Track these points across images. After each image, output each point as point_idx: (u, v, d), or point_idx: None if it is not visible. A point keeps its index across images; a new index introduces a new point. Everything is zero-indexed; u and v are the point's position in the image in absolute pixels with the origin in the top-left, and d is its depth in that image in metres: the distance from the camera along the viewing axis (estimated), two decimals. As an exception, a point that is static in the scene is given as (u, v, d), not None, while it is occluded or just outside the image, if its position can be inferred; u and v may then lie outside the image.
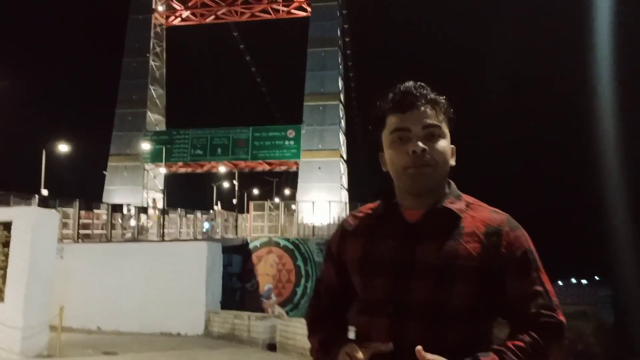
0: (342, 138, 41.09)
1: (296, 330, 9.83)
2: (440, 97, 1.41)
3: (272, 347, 10.68)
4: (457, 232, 1.33)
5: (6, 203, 17.44)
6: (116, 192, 42.53)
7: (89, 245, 14.07)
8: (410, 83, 1.41)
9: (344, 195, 40.25)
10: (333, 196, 38.82)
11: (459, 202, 1.40)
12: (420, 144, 1.34)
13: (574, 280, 52.78)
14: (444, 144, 1.38)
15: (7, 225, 9.74)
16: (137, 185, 42.73)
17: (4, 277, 9.60)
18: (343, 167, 41.00)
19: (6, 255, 9.69)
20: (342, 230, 1.51)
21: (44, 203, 18.68)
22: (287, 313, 22.18)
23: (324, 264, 1.55)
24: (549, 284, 1.34)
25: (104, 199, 39.68)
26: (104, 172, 43.65)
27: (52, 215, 10.31)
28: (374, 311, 1.35)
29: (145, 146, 41.24)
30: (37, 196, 18.72)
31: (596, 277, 54.44)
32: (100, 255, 13.42)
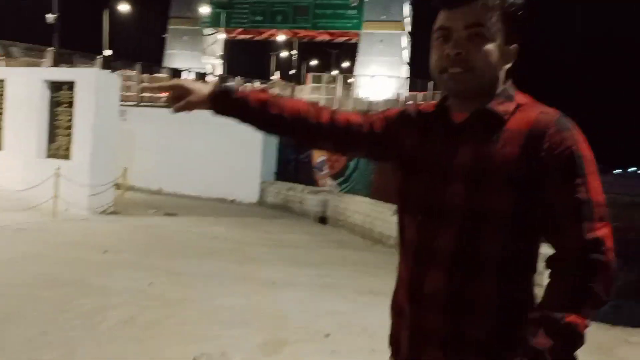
0: (407, 9, 38.85)
1: (348, 207, 9.94)
2: None
3: (322, 220, 10.91)
4: (497, 136, 1.22)
5: (70, 62, 17.77)
6: (176, 56, 42.65)
7: (152, 110, 14.28)
8: None
9: (406, 71, 38.96)
10: (393, 71, 37.65)
11: (508, 103, 1.26)
12: (453, 45, 1.23)
13: (632, 169, 50.90)
14: (489, 46, 1.23)
15: (71, 86, 9.89)
16: (196, 51, 42.63)
17: (70, 136, 9.95)
18: (406, 41, 39.19)
19: (71, 115, 9.95)
20: (404, 112, 1.44)
21: (106, 64, 18.93)
22: (338, 185, 22.54)
23: (374, 112, 1.50)
24: (598, 193, 1.17)
25: (164, 63, 40.02)
26: (164, 35, 43.55)
27: (114, 77, 10.39)
28: (409, 209, 1.32)
29: (205, 10, 40.47)
30: (99, 57, 18.92)
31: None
32: (163, 120, 13.63)
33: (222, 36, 41.70)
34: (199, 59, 41.61)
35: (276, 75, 39.74)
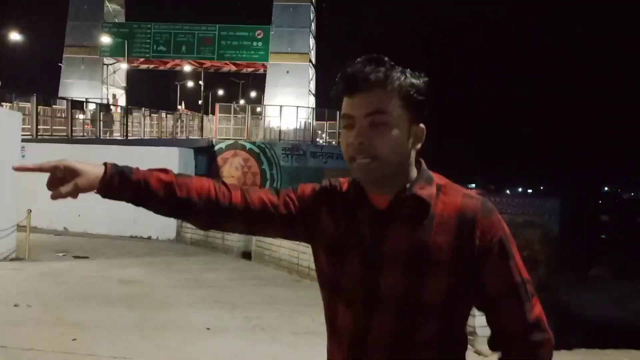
0: (312, 42, 39.83)
1: (272, 241, 9.82)
2: (398, 75, 1.22)
3: (246, 255, 10.71)
4: (427, 222, 1.23)
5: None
6: (74, 86, 40.69)
7: (52, 145, 13.43)
8: (361, 59, 1.24)
9: (312, 101, 39.70)
10: (301, 101, 38.19)
11: (429, 186, 1.26)
12: (355, 135, 1.21)
13: (520, 190, 54.68)
14: (392, 132, 1.21)
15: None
16: (95, 80, 40.91)
17: (-35, 177, 9.09)
18: (312, 72, 40.08)
19: (-34, 154, 9.11)
20: (321, 191, 1.36)
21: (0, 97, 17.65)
22: None
23: (288, 190, 1.38)
24: (524, 270, 1.26)
25: (61, 94, 37.99)
26: (60, 64, 41.53)
27: (15, 114, 9.70)
28: (341, 296, 1.28)
29: (104, 39, 39.06)
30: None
31: (541, 187, 56.54)
32: (65, 155, 12.82)
33: (124, 66, 40.42)
34: (99, 88, 39.98)
35: (182, 106, 39.00)
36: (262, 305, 7.05)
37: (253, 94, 43.00)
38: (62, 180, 1.23)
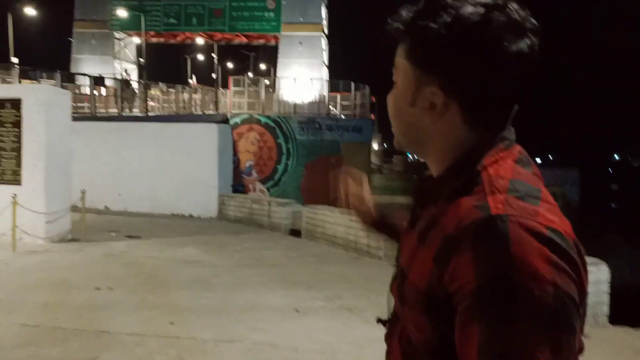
0: (324, 11, 39.18)
1: (325, 218, 9.80)
2: (413, 16, 0.90)
3: (295, 232, 10.69)
4: (429, 227, 0.88)
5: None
6: (84, 61, 40.30)
7: (85, 123, 13.27)
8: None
9: (325, 73, 39.26)
10: (314, 73, 37.78)
11: (466, 177, 0.86)
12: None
13: (538, 160, 54.52)
14: (395, 90, 0.95)
15: (16, 104, 8.98)
16: (107, 55, 40.49)
17: (18, 159, 9.03)
18: (324, 43, 39.54)
19: (17, 136, 9.04)
20: None
21: (24, 74, 17.47)
22: (268, 190, 22.48)
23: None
24: (502, 343, 0.71)
25: (72, 69, 37.69)
26: (70, 38, 41.05)
27: (64, 93, 9.57)
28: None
29: (114, 12, 38.50)
30: (17, 67, 17.41)
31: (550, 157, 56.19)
32: (101, 133, 12.79)
33: (135, 40, 39.96)
34: (111, 63, 39.59)
35: (193, 80, 38.61)
36: (335, 284, 7.03)
37: (265, 66, 42.52)
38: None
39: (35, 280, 6.66)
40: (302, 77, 37.23)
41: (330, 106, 32.62)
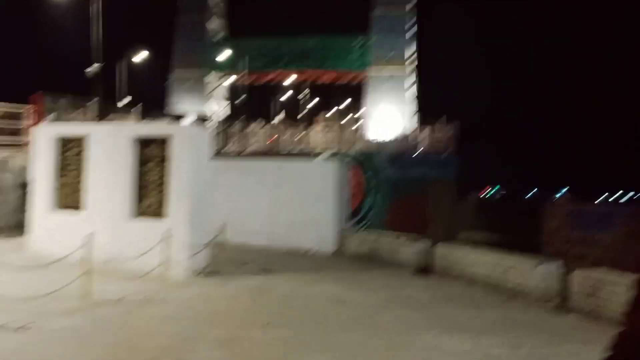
0: (413, 48, 39.23)
1: (464, 255, 9.43)
2: None
3: (423, 270, 10.31)
4: None
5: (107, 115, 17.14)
6: (180, 101, 42.34)
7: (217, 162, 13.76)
8: None
9: (412, 108, 39.03)
10: (401, 108, 37.75)
11: None
12: None
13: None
14: None
15: (163, 141, 9.33)
16: (199, 95, 42.37)
17: (164, 193, 9.32)
18: (412, 79, 39.46)
19: (163, 171, 9.35)
20: None
21: (143, 114, 18.40)
22: (355, 224, 22.15)
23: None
24: None
25: (169, 109, 39.66)
26: (166, 81, 43.31)
27: (207, 132, 9.92)
28: None
29: (209, 55, 40.41)
30: (138, 108, 18.37)
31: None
32: (222, 169, 13.13)
33: (227, 80, 41.70)
34: (203, 102, 41.36)
35: (280, 116, 39.47)
36: (511, 331, 6.49)
37: (352, 102, 42.89)
38: None
39: (201, 314, 6.70)
40: (389, 113, 37.30)
41: (416, 141, 32.35)
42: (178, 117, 21.51)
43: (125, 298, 7.27)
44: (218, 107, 42.49)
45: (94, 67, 17.46)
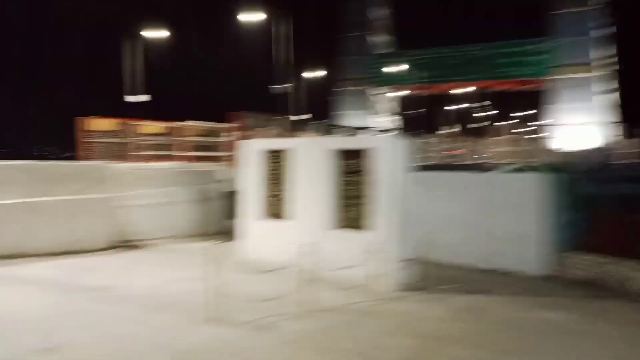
0: (601, 49, 35.78)
1: None
2: None
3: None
4: None
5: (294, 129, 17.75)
6: (344, 115, 43.27)
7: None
8: None
9: (607, 116, 35.41)
10: (590, 118, 34.46)
11: None
12: None
13: None
14: None
15: (365, 154, 9.20)
16: (363, 109, 42.91)
17: (364, 204, 9.14)
18: (604, 84, 35.86)
19: (365, 183, 9.18)
20: None
21: (324, 129, 18.78)
22: (563, 245, 19.91)
23: None
24: None
25: (335, 122, 40.69)
26: (330, 96, 44.60)
27: (409, 145, 9.70)
28: None
29: (375, 70, 40.75)
30: (320, 122, 18.83)
31: None
32: (416, 183, 12.61)
33: (393, 94, 41.71)
34: (366, 117, 41.77)
35: (456, 128, 38.39)
36: None
37: (533, 112, 40.38)
38: None
39: (423, 330, 6.32)
40: (575, 122, 34.22)
41: (620, 152, 29.13)
42: (359, 130, 21.87)
43: (345, 307, 7.26)
44: (385, 121, 42.63)
45: (282, 86, 18.29)
